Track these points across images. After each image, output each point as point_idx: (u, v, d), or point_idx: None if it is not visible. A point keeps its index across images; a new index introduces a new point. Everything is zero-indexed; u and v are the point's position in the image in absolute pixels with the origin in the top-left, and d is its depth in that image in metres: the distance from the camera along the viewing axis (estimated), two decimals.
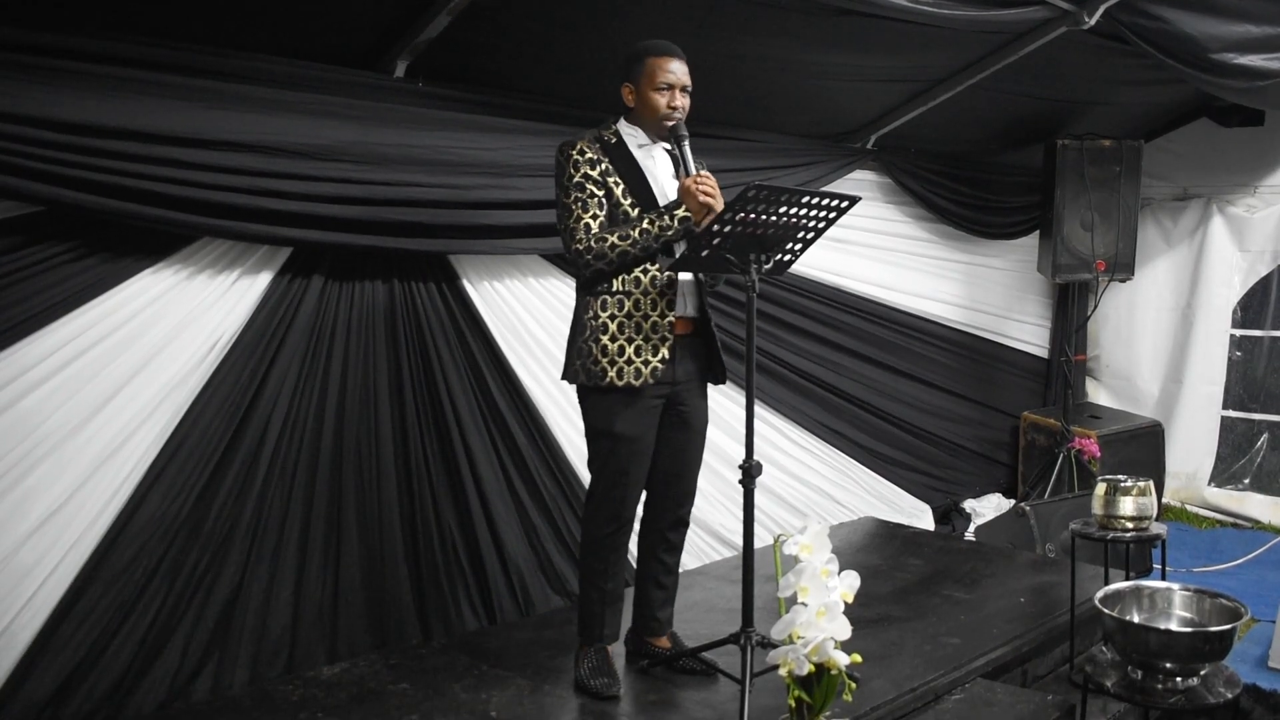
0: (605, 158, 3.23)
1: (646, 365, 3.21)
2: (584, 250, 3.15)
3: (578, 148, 3.21)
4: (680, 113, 3.25)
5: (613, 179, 3.22)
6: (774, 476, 5.26)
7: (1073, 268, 6.15)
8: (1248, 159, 6.54)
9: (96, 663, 3.28)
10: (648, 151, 3.32)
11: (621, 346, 3.20)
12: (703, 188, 3.12)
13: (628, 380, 3.19)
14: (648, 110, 3.25)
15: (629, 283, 3.21)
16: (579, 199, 3.18)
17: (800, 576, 2.59)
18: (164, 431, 3.41)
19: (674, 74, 3.24)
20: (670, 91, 3.23)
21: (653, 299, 3.22)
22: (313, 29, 3.48)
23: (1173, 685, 2.97)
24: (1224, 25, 4.85)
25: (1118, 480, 3.64)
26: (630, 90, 3.27)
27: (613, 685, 3.32)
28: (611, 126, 3.32)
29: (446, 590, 4.04)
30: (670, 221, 3.15)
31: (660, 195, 3.28)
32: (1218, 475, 6.63)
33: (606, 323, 3.21)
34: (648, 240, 3.15)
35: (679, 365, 3.30)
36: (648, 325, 3.21)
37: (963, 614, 4.04)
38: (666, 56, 3.24)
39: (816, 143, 5.46)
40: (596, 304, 3.22)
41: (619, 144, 3.29)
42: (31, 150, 2.96)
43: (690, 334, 3.34)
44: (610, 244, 3.13)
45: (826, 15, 4.19)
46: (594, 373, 3.21)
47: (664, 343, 3.22)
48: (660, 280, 3.23)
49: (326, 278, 3.73)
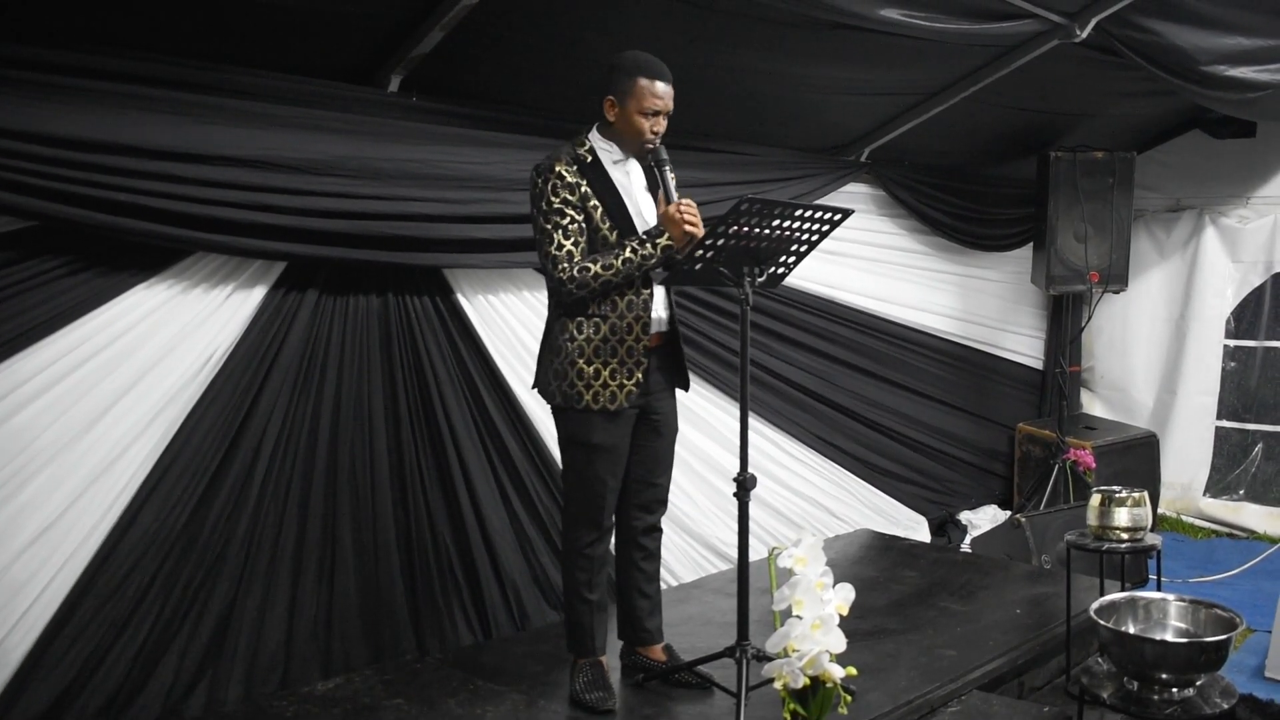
0: (583, 179, 3.19)
1: (622, 389, 3.21)
2: (567, 279, 3.12)
3: (556, 171, 3.15)
4: (659, 137, 3.22)
5: (591, 203, 3.19)
6: (769, 489, 5.24)
7: (1066, 279, 6.16)
8: (1240, 170, 6.56)
9: (90, 679, 3.26)
10: (622, 168, 3.30)
11: (598, 370, 3.20)
12: (686, 216, 3.10)
13: (603, 404, 3.20)
14: (629, 130, 3.21)
15: (605, 305, 3.20)
16: (559, 225, 3.14)
17: (795, 589, 2.60)
18: (158, 446, 3.40)
19: (662, 100, 3.19)
20: (655, 117, 3.20)
21: (628, 322, 3.22)
22: (306, 44, 3.49)
23: (1169, 696, 2.97)
24: (1215, 38, 4.88)
25: (1113, 491, 3.64)
26: (613, 105, 3.21)
27: (608, 699, 3.31)
28: (585, 142, 3.26)
29: (441, 605, 4.03)
30: (653, 249, 3.15)
31: (636, 214, 3.27)
32: (1213, 485, 6.63)
33: (583, 345, 3.20)
34: (630, 269, 3.14)
35: (651, 376, 3.31)
36: (623, 349, 3.21)
37: (959, 626, 4.04)
38: (657, 80, 3.18)
39: (810, 156, 5.47)
40: (573, 325, 3.21)
41: (595, 162, 3.24)
42: (25, 165, 2.96)
43: (660, 346, 3.34)
44: (593, 273, 3.12)
45: (820, 29, 4.21)
46: (570, 395, 3.21)
47: (638, 366, 3.23)
48: (636, 304, 3.22)
49: (321, 292, 3.73)
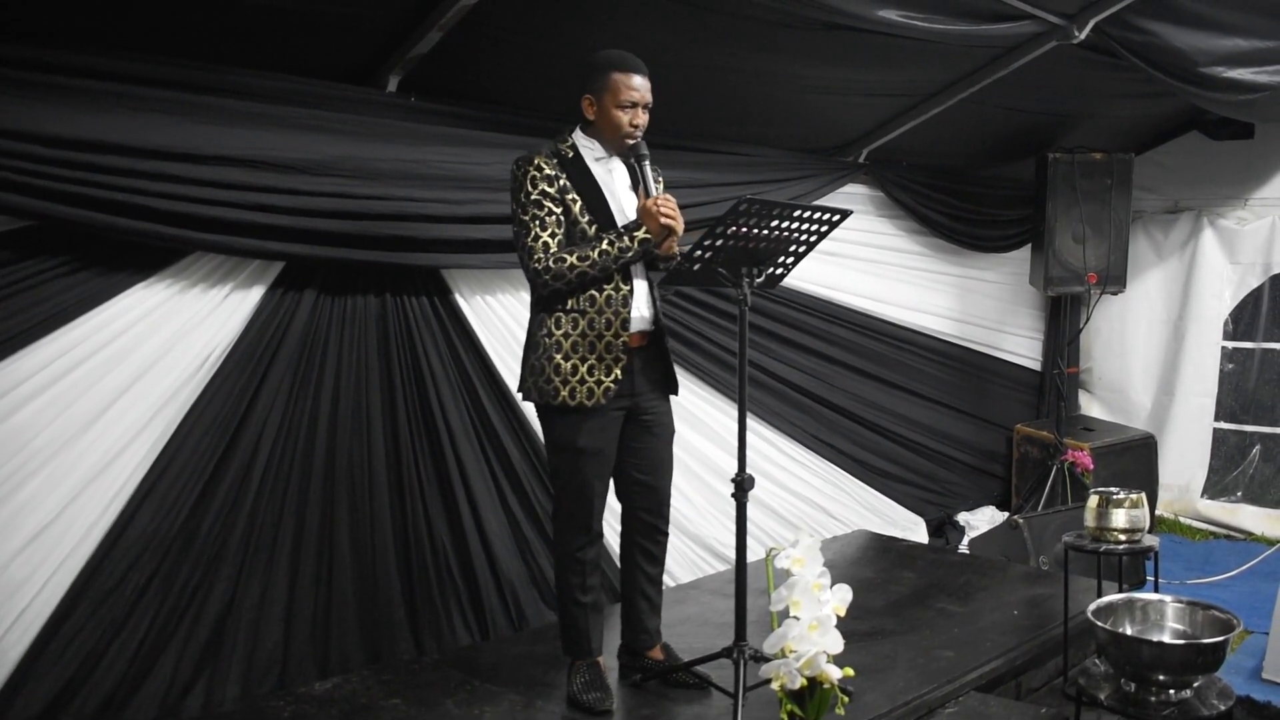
0: (563, 173, 3.19)
1: (599, 385, 3.19)
2: (542, 270, 3.11)
3: (535, 163, 3.15)
4: (641, 130, 3.22)
5: (570, 196, 3.18)
6: (767, 490, 5.24)
7: (1064, 280, 6.17)
8: (1238, 172, 6.56)
9: (88, 679, 3.26)
10: (605, 165, 3.29)
11: (575, 365, 3.18)
12: (663, 210, 3.09)
13: (580, 400, 3.18)
14: (608, 127, 3.21)
15: (584, 301, 3.19)
16: (536, 216, 3.14)
17: (792, 590, 2.59)
18: (156, 446, 3.40)
19: (638, 91, 3.19)
20: (634, 110, 3.19)
21: (607, 318, 3.20)
22: (305, 44, 3.49)
23: (1166, 698, 2.97)
24: (1213, 39, 4.88)
25: (1110, 492, 3.63)
26: (590, 103, 3.21)
27: (605, 700, 3.31)
28: (568, 139, 3.27)
29: (439, 605, 4.03)
30: (630, 243, 3.13)
31: (618, 211, 3.26)
32: (1210, 487, 6.63)
33: (560, 340, 3.19)
34: (607, 261, 3.13)
35: (637, 376, 3.29)
36: (601, 345, 3.19)
37: (956, 627, 4.04)
38: (630, 72, 3.18)
39: (808, 157, 5.47)
40: (551, 321, 3.20)
41: (576, 158, 3.24)
42: (24, 165, 2.96)
43: (645, 346, 3.32)
44: (569, 264, 3.11)
45: (817, 30, 4.21)
46: (546, 391, 3.20)
47: (616, 363, 3.20)
48: (615, 300, 3.21)
49: (319, 292, 3.73)
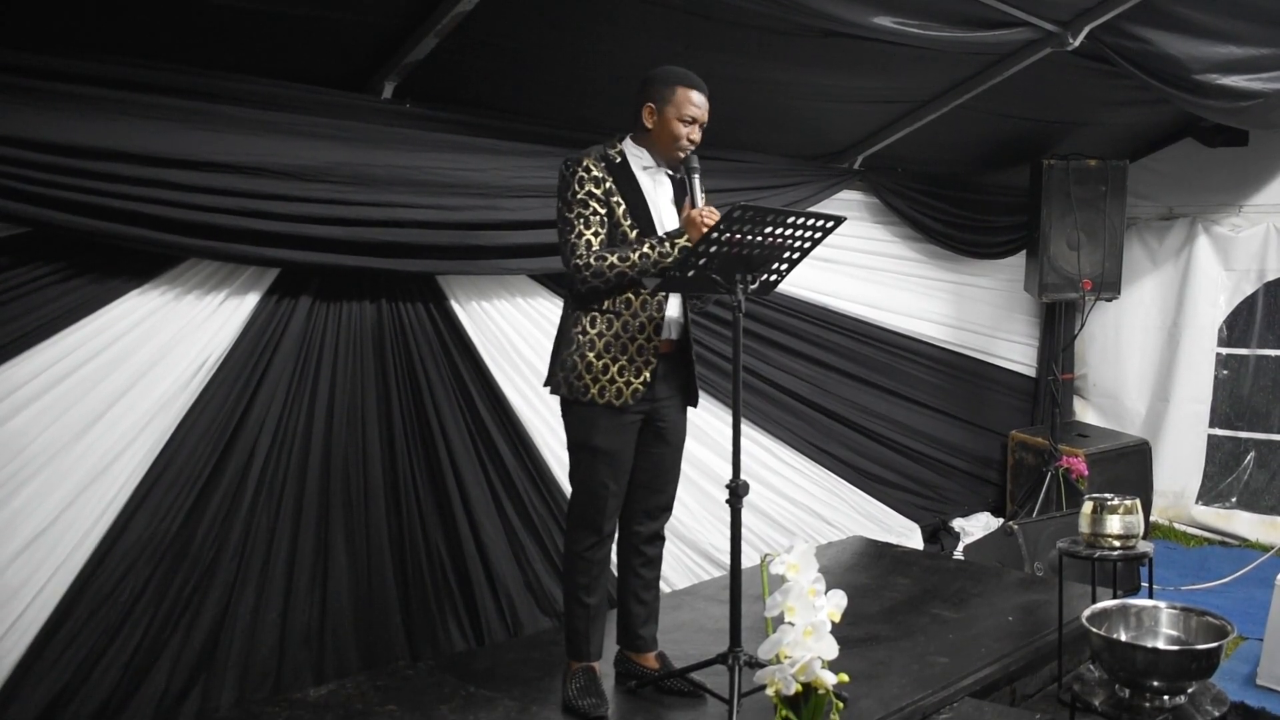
0: (610, 177, 3.25)
1: (628, 386, 3.23)
2: (583, 266, 3.17)
3: (584, 164, 3.22)
4: (694, 146, 3.29)
5: (615, 199, 3.24)
6: (762, 496, 5.25)
7: (1059, 287, 6.17)
8: (1232, 178, 6.59)
9: (83, 685, 3.26)
10: (651, 175, 3.35)
11: (606, 365, 3.22)
12: (708, 221, 3.12)
13: (609, 399, 3.23)
14: (666, 136, 3.28)
15: (620, 303, 3.24)
16: (581, 215, 3.20)
17: (787, 596, 2.60)
18: (151, 452, 3.40)
19: (699, 109, 3.28)
20: (692, 125, 3.27)
21: (641, 322, 3.25)
22: (300, 50, 3.49)
23: (1160, 703, 2.97)
24: (1207, 46, 4.90)
25: (1105, 499, 3.65)
26: (651, 111, 3.28)
27: (600, 706, 3.32)
28: (617, 145, 3.33)
29: (434, 611, 4.03)
30: (670, 249, 3.16)
31: (658, 221, 3.31)
32: (1205, 493, 6.64)
33: (594, 340, 3.23)
34: (646, 264, 3.17)
35: (659, 383, 3.33)
36: (633, 347, 3.24)
37: (951, 633, 4.04)
38: (697, 90, 3.28)
39: (803, 163, 5.48)
40: (586, 319, 3.25)
41: (624, 164, 3.30)
42: (18, 172, 2.96)
43: (672, 353, 3.36)
44: (609, 264, 3.15)
45: (812, 37, 4.22)
46: (576, 387, 3.24)
47: (647, 366, 3.25)
48: (650, 304, 3.25)
49: (314, 298, 3.73)
